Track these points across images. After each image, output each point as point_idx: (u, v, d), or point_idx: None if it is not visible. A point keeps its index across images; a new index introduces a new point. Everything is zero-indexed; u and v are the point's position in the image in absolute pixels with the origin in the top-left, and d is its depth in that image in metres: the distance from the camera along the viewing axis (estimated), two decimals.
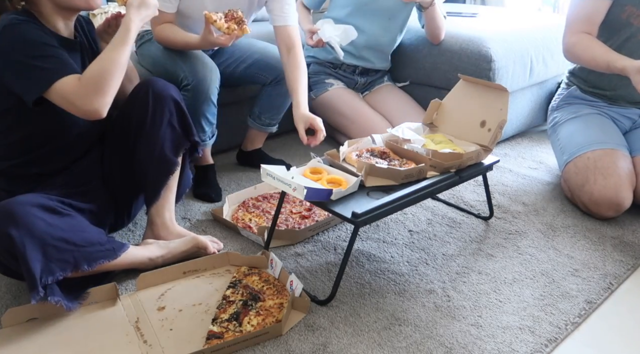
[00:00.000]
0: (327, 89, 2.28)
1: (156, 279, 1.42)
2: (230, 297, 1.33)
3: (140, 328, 1.26)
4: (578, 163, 1.81)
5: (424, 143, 1.57)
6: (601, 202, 1.72)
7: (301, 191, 1.25)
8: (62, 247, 1.23)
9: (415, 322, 1.30)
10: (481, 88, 1.65)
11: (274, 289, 1.35)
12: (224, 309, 1.28)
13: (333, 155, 1.52)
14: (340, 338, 1.25)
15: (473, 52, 2.18)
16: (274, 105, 2.03)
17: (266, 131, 2.11)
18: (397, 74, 2.44)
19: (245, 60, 1.99)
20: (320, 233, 1.69)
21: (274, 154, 2.25)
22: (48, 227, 1.20)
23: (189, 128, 1.53)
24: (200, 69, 1.76)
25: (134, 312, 1.32)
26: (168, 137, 1.48)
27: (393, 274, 1.49)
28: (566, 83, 2.09)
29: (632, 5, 1.78)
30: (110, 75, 1.26)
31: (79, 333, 1.25)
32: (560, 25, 2.52)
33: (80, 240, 1.27)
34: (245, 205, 1.82)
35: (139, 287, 1.39)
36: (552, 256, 1.59)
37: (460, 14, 2.71)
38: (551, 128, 2.07)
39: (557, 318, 1.32)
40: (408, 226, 1.74)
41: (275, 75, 1.96)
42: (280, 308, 1.29)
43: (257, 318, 1.26)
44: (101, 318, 1.30)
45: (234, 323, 1.24)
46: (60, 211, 1.26)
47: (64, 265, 1.23)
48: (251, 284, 1.37)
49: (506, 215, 1.82)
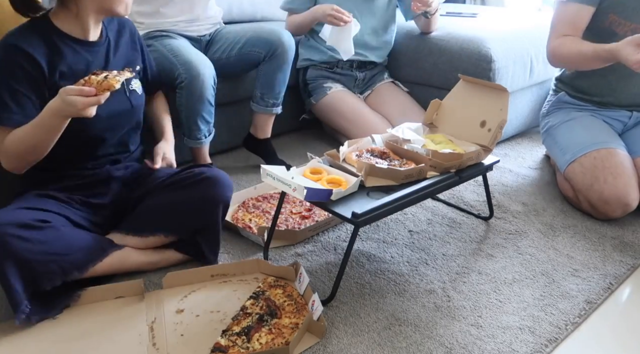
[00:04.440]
0: (327, 93, 2.28)
1: (183, 279, 1.42)
2: (248, 309, 1.29)
3: (154, 329, 1.26)
4: (584, 163, 1.81)
5: (424, 143, 1.58)
6: (611, 202, 1.72)
7: (301, 191, 1.25)
8: (46, 260, 1.23)
9: (415, 322, 1.31)
10: (481, 88, 1.65)
11: (294, 307, 1.30)
12: (238, 321, 1.26)
13: (333, 155, 1.52)
14: (340, 338, 1.25)
15: (473, 52, 2.18)
16: (274, 81, 2.02)
17: (271, 113, 2.09)
18: (397, 74, 2.44)
19: (239, 41, 2.00)
20: (320, 233, 1.69)
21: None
22: (26, 243, 1.20)
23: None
24: (194, 67, 1.77)
25: (153, 311, 1.32)
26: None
27: (393, 274, 1.49)
28: (554, 89, 2.10)
29: (615, 14, 1.78)
30: (24, 150, 1.28)
31: (96, 328, 1.27)
32: None
33: (64, 249, 1.26)
34: (245, 205, 1.82)
35: (165, 285, 1.40)
36: (552, 256, 1.59)
37: (460, 14, 2.71)
38: (545, 133, 2.07)
39: (557, 318, 1.33)
40: (408, 226, 1.74)
41: (268, 49, 1.96)
42: (293, 329, 1.23)
43: (267, 336, 1.21)
44: (122, 315, 1.31)
45: (243, 337, 1.21)
46: (37, 225, 1.24)
47: (51, 276, 1.25)
48: (273, 297, 1.34)
49: (506, 215, 1.82)
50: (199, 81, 1.76)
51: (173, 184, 1.47)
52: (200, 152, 1.95)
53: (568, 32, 1.82)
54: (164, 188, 1.47)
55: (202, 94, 1.78)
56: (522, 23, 2.51)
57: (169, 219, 1.45)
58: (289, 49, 1.99)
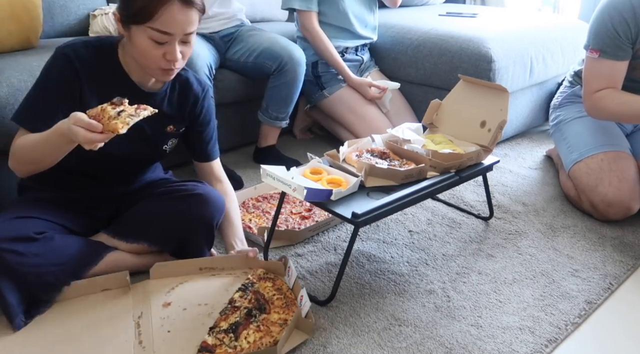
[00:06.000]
0: (342, 85, 2.29)
1: (171, 271, 1.40)
2: (236, 301, 1.28)
3: (141, 325, 1.25)
4: (590, 164, 1.80)
5: (423, 143, 1.58)
6: (614, 205, 1.72)
7: (301, 192, 1.25)
8: (40, 272, 1.23)
9: (415, 322, 1.30)
10: (481, 88, 1.65)
11: (283, 301, 1.30)
12: (226, 315, 1.24)
13: (333, 155, 1.52)
14: (340, 339, 1.25)
15: (473, 53, 2.18)
16: (280, 96, 2.05)
17: (275, 126, 2.12)
18: (398, 74, 2.44)
19: (256, 49, 2.04)
20: (320, 233, 1.69)
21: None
22: (20, 257, 1.19)
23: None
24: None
25: (140, 305, 1.31)
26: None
27: (393, 274, 1.49)
28: (570, 81, 2.09)
29: None
30: (28, 159, 1.25)
31: (83, 323, 1.25)
32: (560, 26, 2.53)
33: (58, 259, 1.26)
34: (245, 205, 1.82)
35: (152, 276, 1.39)
36: (552, 256, 1.59)
37: (460, 14, 2.71)
38: (554, 126, 2.06)
39: (557, 318, 1.32)
40: (408, 227, 1.74)
41: (278, 63, 2.00)
42: (282, 326, 1.22)
43: (256, 334, 1.19)
44: (107, 310, 1.30)
45: (230, 335, 1.19)
46: (31, 237, 1.23)
47: (46, 286, 1.25)
48: (263, 290, 1.32)
49: (506, 215, 1.82)
50: (192, 68, 1.78)
51: (164, 195, 1.44)
52: None
53: (605, 87, 1.76)
54: (156, 196, 1.45)
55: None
56: (522, 23, 2.51)
57: (153, 229, 1.41)
58: (297, 66, 2.01)
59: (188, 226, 1.40)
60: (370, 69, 2.45)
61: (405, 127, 1.65)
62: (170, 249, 1.44)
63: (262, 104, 2.09)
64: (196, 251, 1.45)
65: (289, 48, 2.03)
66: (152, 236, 1.42)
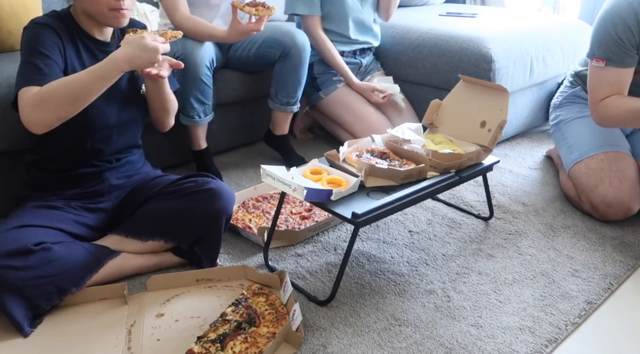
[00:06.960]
0: (337, 86, 2.29)
1: (167, 282, 1.41)
2: (228, 315, 1.27)
3: (132, 333, 1.25)
4: (590, 164, 1.80)
5: (423, 143, 1.58)
6: (614, 205, 1.72)
7: (301, 192, 1.25)
8: (40, 283, 1.23)
9: (415, 322, 1.30)
10: (481, 88, 1.65)
11: (274, 316, 1.28)
12: (215, 327, 1.23)
13: (333, 155, 1.52)
14: (340, 339, 1.25)
15: (473, 53, 2.18)
16: (287, 82, 2.05)
17: (286, 111, 2.12)
18: (397, 74, 2.44)
19: (257, 40, 2.04)
20: (320, 234, 1.69)
21: (275, 153, 2.25)
22: (17, 272, 1.20)
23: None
24: (190, 44, 1.83)
25: (134, 315, 1.31)
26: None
27: (393, 274, 1.49)
28: (570, 82, 2.09)
29: None
30: (64, 97, 1.26)
31: (75, 330, 1.26)
32: (560, 26, 2.53)
33: (58, 269, 1.26)
34: (245, 205, 1.82)
35: (149, 288, 1.39)
36: (552, 256, 1.59)
37: (460, 14, 2.71)
38: (554, 126, 2.06)
39: (557, 319, 1.33)
40: (408, 227, 1.74)
41: (281, 50, 2.00)
42: (269, 339, 1.21)
43: (242, 345, 1.18)
44: (102, 317, 1.30)
45: (217, 345, 1.18)
46: (29, 250, 1.23)
47: (48, 296, 1.26)
48: (255, 305, 1.31)
49: (506, 215, 1.82)
50: (192, 59, 1.81)
51: (176, 192, 1.46)
52: (195, 133, 1.98)
53: (610, 94, 1.74)
54: (166, 194, 1.47)
55: (195, 73, 1.83)
56: (522, 23, 2.51)
57: (170, 226, 1.44)
58: (302, 50, 2.01)
59: (203, 220, 1.44)
60: (373, 72, 2.44)
61: (405, 127, 1.65)
62: (187, 244, 1.47)
63: (271, 92, 2.09)
64: (211, 244, 1.47)
65: (290, 33, 2.01)
66: (168, 231, 1.45)
